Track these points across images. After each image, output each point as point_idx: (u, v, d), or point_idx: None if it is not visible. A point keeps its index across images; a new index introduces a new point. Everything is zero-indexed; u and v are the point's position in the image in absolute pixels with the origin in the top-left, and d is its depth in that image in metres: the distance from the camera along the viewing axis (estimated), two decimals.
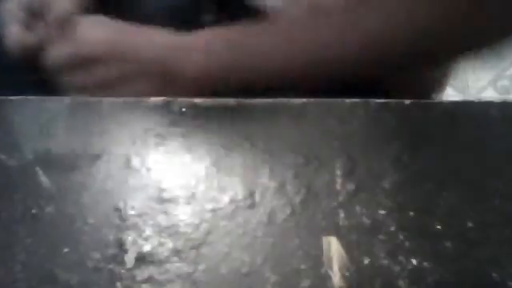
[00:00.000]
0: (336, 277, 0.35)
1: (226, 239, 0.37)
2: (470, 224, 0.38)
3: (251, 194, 0.39)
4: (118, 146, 0.42)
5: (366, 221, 0.38)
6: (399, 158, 0.41)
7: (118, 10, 0.58)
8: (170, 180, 0.40)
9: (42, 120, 0.44)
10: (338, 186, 0.39)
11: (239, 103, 0.44)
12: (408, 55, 0.50)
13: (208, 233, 0.37)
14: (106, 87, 0.51)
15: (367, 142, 0.42)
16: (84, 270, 0.36)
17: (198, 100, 0.44)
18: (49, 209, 0.38)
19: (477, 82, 1.42)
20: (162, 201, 0.39)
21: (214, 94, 0.47)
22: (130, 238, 0.37)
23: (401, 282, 0.35)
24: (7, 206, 0.39)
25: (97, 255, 0.36)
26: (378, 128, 0.43)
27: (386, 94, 0.44)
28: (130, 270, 0.36)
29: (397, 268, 0.36)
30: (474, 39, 0.49)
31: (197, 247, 0.37)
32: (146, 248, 0.37)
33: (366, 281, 0.35)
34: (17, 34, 0.54)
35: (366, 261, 0.36)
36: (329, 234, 0.37)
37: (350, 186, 0.39)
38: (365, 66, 0.50)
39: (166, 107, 0.44)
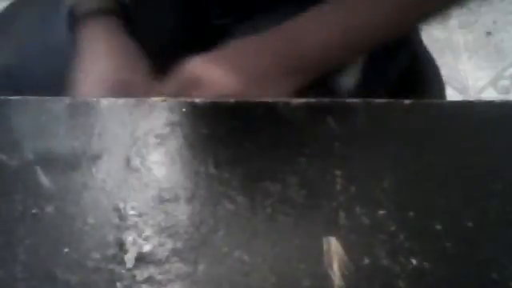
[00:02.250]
0: (336, 277, 0.35)
1: (226, 239, 0.37)
2: (469, 224, 0.38)
3: (251, 194, 0.39)
4: (118, 146, 0.42)
5: (366, 221, 0.38)
6: (399, 158, 0.41)
7: (133, 15, 0.59)
8: (170, 180, 0.40)
9: (41, 120, 0.44)
10: (338, 186, 0.39)
11: (239, 103, 0.44)
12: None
13: (208, 233, 0.37)
14: None
15: (367, 142, 0.42)
16: (84, 270, 0.36)
17: (198, 100, 0.44)
18: (49, 209, 0.38)
19: (477, 82, 1.42)
20: (162, 201, 0.39)
21: None
22: (130, 238, 0.37)
23: (401, 282, 0.35)
24: (7, 206, 0.39)
25: (97, 255, 0.36)
26: (378, 128, 0.43)
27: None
28: (129, 270, 0.36)
29: (397, 268, 0.36)
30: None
31: (197, 247, 0.37)
32: (146, 248, 0.37)
33: (365, 281, 0.35)
34: None
35: (366, 261, 0.36)
36: (329, 234, 0.37)
37: (350, 186, 0.39)
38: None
39: (166, 107, 0.44)
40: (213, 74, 0.52)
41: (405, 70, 0.65)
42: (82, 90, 0.54)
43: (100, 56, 0.57)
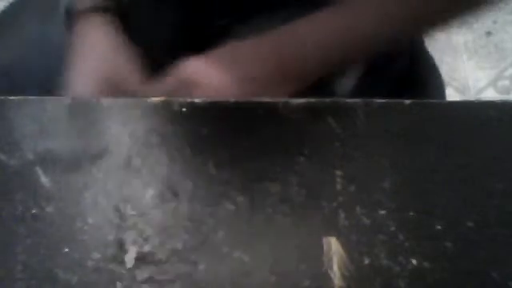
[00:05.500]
0: (336, 277, 0.35)
1: (226, 239, 0.37)
2: (470, 224, 0.38)
3: (251, 194, 0.39)
4: (118, 146, 0.42)
5: (366, 221, 0.38)
6: (399, 158, 0.41)
7: (134, 13, 0.59)
8: (170, 180, 0.40)
9: (42, 120, 0.44)
10: (338, 186, 0.39)
11: (239, 103, 0.44)
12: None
13: (208, 233, 0.37)
14: None
15: (367, 142, 0.42)
16: (84, 270, 0.36)
17: (197, 100, 0.44)
18: (49, 209, 0.38)
19: (477, 82, 1.42)
20: (162, 201, 0.39)
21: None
22: (130, 238, 0.37)
23: (401, 282, 0.35)
24: (7, 206, 0.39)
25: (97, 255, 0.36)
26: (378, 128, 0.43)
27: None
28: (130, 269, 0.36)
29: (397, 268, 0.36)
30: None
31: (197, 247, 0.37)
32: (146, 248, 0.37)
33: (365, 281, 0.35)
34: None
35: (366, 261, 0.36)
36: (329, 234, 0.37)
37: (350, 186, 0.39)
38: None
39: (166, 107, 0.44)
40: (207, 75, 0.51)
41: (405, 70, 0.65)
42: (75, 89, 0.54)
43: (93, 55, 0.57)
